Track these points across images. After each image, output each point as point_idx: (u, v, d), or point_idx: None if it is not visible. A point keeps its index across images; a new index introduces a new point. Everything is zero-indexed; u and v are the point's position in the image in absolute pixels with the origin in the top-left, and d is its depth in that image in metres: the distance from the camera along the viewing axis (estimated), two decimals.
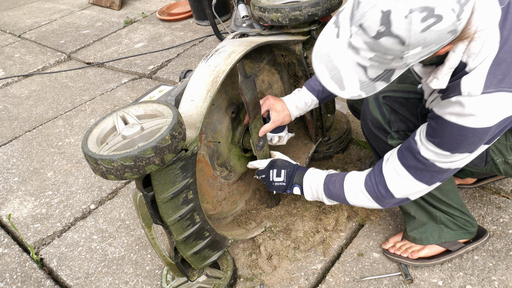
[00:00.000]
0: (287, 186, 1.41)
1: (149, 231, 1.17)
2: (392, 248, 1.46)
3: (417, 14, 0.78)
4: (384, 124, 1.28)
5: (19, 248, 1.78)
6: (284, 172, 1.41)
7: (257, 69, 1.58)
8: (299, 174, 1.40)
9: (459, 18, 0.81)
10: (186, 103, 1.22)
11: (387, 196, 1.20)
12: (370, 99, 1.31)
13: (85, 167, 2.21)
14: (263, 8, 1.48)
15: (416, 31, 0.80)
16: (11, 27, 4.48)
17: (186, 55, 3.27)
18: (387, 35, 0.82)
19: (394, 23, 0.80)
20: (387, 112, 1.27)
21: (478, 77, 0.93)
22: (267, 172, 1.44)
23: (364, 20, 0.83)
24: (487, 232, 1.44)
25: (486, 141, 1.01)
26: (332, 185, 1.32)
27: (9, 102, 3.01)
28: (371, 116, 1.31)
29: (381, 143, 1.32)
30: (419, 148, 1.09)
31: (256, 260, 1.53)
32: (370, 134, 1.35)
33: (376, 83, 0.95)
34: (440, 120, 1.01)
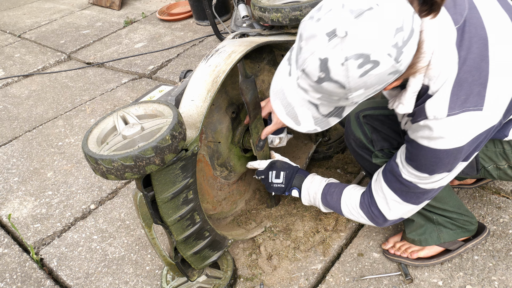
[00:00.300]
0: (286, 188, 1.42)
1: (149, 231, 1.17)
2: (392, 248, 1.46)
3: (352, 61, 0.80)
4: (366, 143, 1.29)
5: (19, 248, 1.78)
6: (283, 174, 1.42)
7: (257, 69, 1.58)
8: (299, 177, 1.41)
9: (397, 61, 0.81)
10: (186, 103, 1.22)
11: (380, 217, 1.22)
12: (351, 118, 1.32)
13: (85, 167, 2.21)
14: (263, 8, 1.48)
15: (354, 77, 0.82)
16: (11, 27, 4.48)
17: (186, 55, 3.27)
18: (327, 81, 0.84)
19: (332, 70, 0.82)
20: (369, 131, 1.29)
21: (442, 100, 0.93)
22: (266, 173, 1.44)
23: (305, 66, 0.86)
24: (486, 227, 1.44)
25: (463, 158, 1.02)
26: (330, 197, 1.34)
27: (9, 102, 3.01)
28: (354, 136, 1.32)
29: (366, 162, 1.34)
30: (401, 171, 1.10)
31: (256, 260, 1.53)
32: (354, 153, 1.37)
33: (329, 118, 0.98)
34: (414, 144, 1.03)
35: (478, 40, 0.92)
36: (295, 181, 1.41)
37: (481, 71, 0.91)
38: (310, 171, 1.88)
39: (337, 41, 0.79)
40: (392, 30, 0.78)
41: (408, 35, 0.80)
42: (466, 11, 0.93)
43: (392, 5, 0.79)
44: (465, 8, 0.93)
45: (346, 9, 0.79)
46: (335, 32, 0.79)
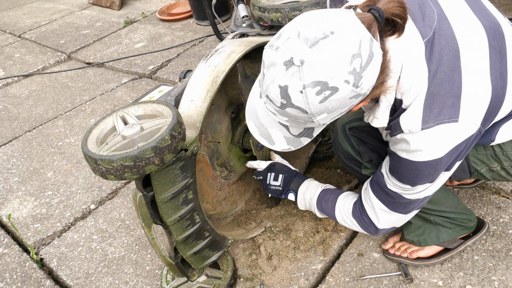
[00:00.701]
0: (283, 191, 1.43)
1: (149, 231, 1.17)
2: (391, 248, 1.46)
3: (310, 89, 0.81)
4: (355, 155, 1.30)
5: (19, 248, 1.78)
6: (281, 176, 1.42)
7: (257, 69, 1.58)
8: (296, 181, 1.42)
9: (357, 86, 0.82)
10: (185, 103, 1.22)
11: (371, 226, 1.23)
12: (338, 130, 1.33)
13: (85, 167, 2.21)
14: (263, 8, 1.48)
15: (314, 103, 0.83)
16: (11, 27, 4.48)
17: (186, 55, 3.27)
18: (290, 106, 0.86)
19: (293, 97, 0.84)
20: (356, 144, 1.29)
21: (415, 114, 0.94)
22: (265, 174, 1.45)
23: (268, 92, 0.88)
24: (485, 223, 1.44)
25: (444, 169, 1.02)
26: (325, 203, 1.35)
27: (9, 102, 3.02)
28: (341, 149, 1.33)
29: (357, 173, 1.35)
30: (386, 181, 1.11)
31: (256, 260, 1.52)
32: (345, 165, 1.38)
33: (300, 138, 1.01)
34: (395, 156, 1.03)
35: (449, 51, 0.92)
36: (293, 185, 1.42)
37: (453, 82, 0.91)
38: (310, 171, 1.88)
39: (294, 70, 0.81)
40: (348, 57, 0.80)
41: (366, 59, 0.81)
42: (435, 22, 0.93)
43: (347, 32, 0.80)
44: (434, 20, 0.93)
45: (302, 37, 0.81)
46: (292, 61, 0.81)
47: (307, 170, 1.89)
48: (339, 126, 1.33)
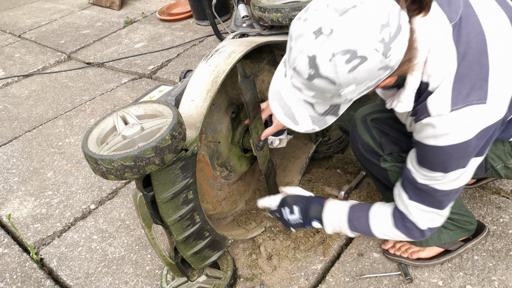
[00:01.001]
0: (305, 222, 1.32)
1: (149, 231, 1.17)
2: (392, 248, 1.46)
3: (340, 57, 0.81)
4: (375, 147, 1.27)
5: (19, 248, 1.78)
6: (297, 209, 1.32)
7: (257, 69, 1.58)
8: (316, 208, 1.31)
9: (386, 56, 0.82)
10: (186, 103, 1.22)
11: (416, 229, 1.17)
12: (358, 122, 1.30)
13: (85, 167, 2.21)
14: (263, 8, 1.48)
15: (343, 72, 0.82)
16: (11, 27, 4.48)
17: (186, 55, 3.27)
18: (317, 77, 0.85)
19: (321, 67, 0.83)
20: (377, 135, 1.27)
21: (443, 96, 0.93)
22: (280, 211, 1.36)
23: (296, 64, 0.87)
24: (486, 227, 1.44)
25: (475, 153, 1.01)
26: (357, 222, 1.26)
27: (9, 102, 3.01)
28: (361, 141, 1.29)
29: (374, 166, 1.31)
30: (415, 176, 1.09)
31: (256, 260, 1.52)
32: (362, 158, 1.34)
33: (326, 117, 0.98)
34: (421, 145, 1.02)
35: (476, 36, 0.92)
36: (313, 213, 1.31)
37: (482, 65, 0.91)
38: (310, 171, 1.88)
39: (323, 39, 0.81)
40: (378, 26, 0.79)
41: (395, 31, 0.81)
42: (461, 9, 0.93)
43: (376, 3, 0.80)
44: (460, 6, 0.94)
45: (331, 8, 0.81)
46: (321, 30, 0.81)
47: (307, 170, 1.89)
48: (358, 118, 1.31)
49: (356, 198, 1.70)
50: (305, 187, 1.78)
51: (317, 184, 1.79)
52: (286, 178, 1.82)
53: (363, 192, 1.73)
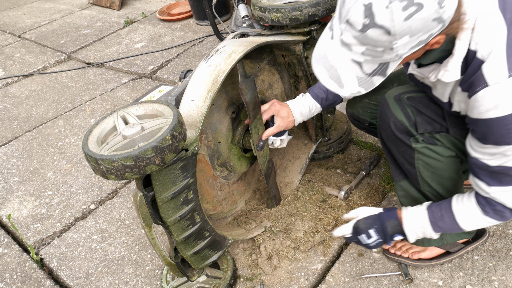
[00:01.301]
0: (386, 240, 1.28)
1: (149, 231, 1.17)
2: (392, 248, 1.46)
3: (397, 4, 0.81)
4: (409, 126, 1.23)
5: (19, 248, 1.78)
6: (373, 231, 1.28)
7: (257, 69, 1.58)
8: (392, 223, 1.26)
9: (441, 5, 0.83)
10: (186, 103, 1.22)
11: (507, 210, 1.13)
12: (390, 101, 1.27)
13: (85, 167, 2.21)
14: (263, 8, 1.48)
15: (399, 20, 0.83)
16: (11, 27, 4.48)
17: (186, 55, 3.27)
18: (372, 27, 0.85)
19: (377, 14, 0.83)
20: (413, 113, 1.22)
21: (499, 63, 0.92)
22: (357, 239, 1.32)
23: (350, 16, 0.87)
24: (486, 231, 1.44)
25: None
26: (442, 222, 1.21)
27: (9, 102, 3.01)
28: (394, 119, 1.24)
29: (402, 147, 1.27)
30: (484, 162, 1.05)
31: (256, 260, 1.53)
32: (390, 138, 1.29)
33: (373, 78, 0.97)
34: (481, 122, 0.99)
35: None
36: (391, 229, 1.26)
37: None
38: (310, 171, 1.88)
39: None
40: None
41: None
42: None
43: None
44: None
45: None
46: None
47: (307, 170, 1.89)
48: (390, 97, 1.27)
49: (356, 198, 1.70)
50: (305, 187, 1.78)
51: (317, 184, 1.80)
52: (286, 178, 1.83)
53: (363, 192, 1.73)
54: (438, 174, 1.24)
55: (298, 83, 1.70)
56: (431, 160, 1.21)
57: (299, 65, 1.61)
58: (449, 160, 1.21)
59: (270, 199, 1.68)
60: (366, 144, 2.00)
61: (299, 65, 1.61)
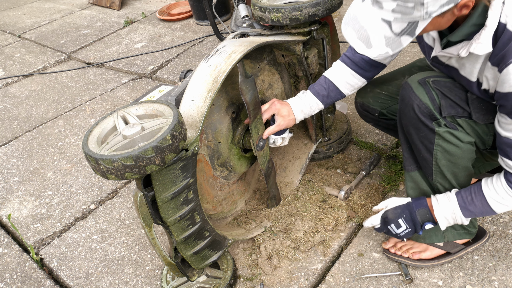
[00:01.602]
0: (416, 229, 1.31)
1: (149, 231, 1.17)
2: (392, 248, 1.46)
3: None
4: (433, 109, 1.20)
5: (19, 248, 1.78)
6: (402, 221, 1.31)
7: (257, 69, 1.58)
8: (422, 211, 1.28)
9: None
10: (186, 103, 1.22)
11: None
12: (414, 84, 1.24)
13: (85, 167, 2.21)
14: (263, 8, 1.48)
15: None
16: (11, 27, 4.48)
17: (186, 55, 3.27)
18: None
19: None
20: (437, 97, 1.20)
21: None
22: (387, 229, 1.35)
23: None
24: (487, 232, 1.44)
25: None
26: (473, 207, 1.21)
27: (9, 102, 3.01)
28: (419, 101, 1.22)
29: (423, 131, 1.25)
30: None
31: (256, 260, 1.53)
32: (412, 121, 1.26)
33: (401, 37, 0.98)
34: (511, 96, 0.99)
35: None
36: (421, 218, 1.28)
37: None
38: (310, 171, 1.88)
39: None
40: None
41: None
42: None
43: None
44: None
45: None
46: None
47: (307, 170, 1.89)
48: (413, 81, 1.26)
49: (356, 198, 1.70)
50: (305, 187, 1.78)
51: (317, 184, 1.80)
52: (286, 178, 1.83)
53: (363, 192, 1.73)
54: (454, 162, 1.24)
55: (298, 83, 1.70)
56: (450, 146, 1.21)
57: (299, 65, 1.61)
58: (467, 147, 1.21)
59: (270, 199, 1.68)
60: (366, 144, 2.00)
61: (299, 65, 1.61)
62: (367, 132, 2.09)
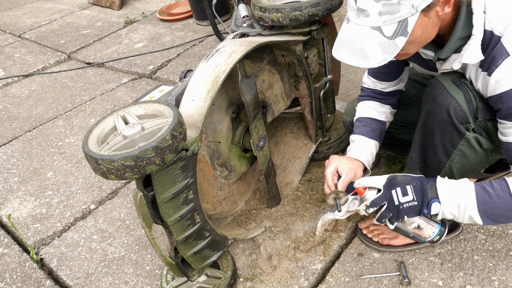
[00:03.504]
0: (422, 204, 1.09)
1: (149, 231, 1.17)
2: (365, 229, 1.51)
3: None
4: (467, 111, 1.12)
5: (19, 248, 1.78)
6: (410, 188, 1.10)
7: (257, 69, 1.58)
8: (433, 186, 1.10)
9: None
10: (186, 103, 1.22)
11: None
12: (447, 83, 1.15)
13: (85, 167, 2.21)
14: (263, 8, 1.48)
15: None
16: (11, 27, 4.48)
17: (186, 55, 3.27)
18: None
19: None
20: (475, 99, 1.11)
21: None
22: (389, 194, 1.12)
23: None
24: (460, 226, 1.48)
25: None
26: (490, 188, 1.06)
27: (9, 102, 3.01)
28: (455, 103, 1.11)
29: (450, 134, 1.15)
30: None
31: (256, 260, 1.53)
32: (441, 123, 1.15)
33: (395, 40, 0.97)
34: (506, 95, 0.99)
35: None
36: (430, 193, 1.09)
37: None
38: (310, 171, 1.88)
39: None
40: None
41: None
42: None
43: None
44: None
45: None
46: None
47: (307, 170, 1.89)
48: (445, 80, 1.17)
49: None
50: (305, 187, 1.78)
51: (317, 184, 1.80)
52: (286, 178, 1.83)
53: None
54: (467, 167, 1.22)
55: (298, 83, 1.70)
56: (471, 151, 1.18)
57: (299, 65, 1.61)
58: (483, 153, 1.20)
59: (270, 199, 1.68)
60: None
61: (299, 65, 1.61)
62: None
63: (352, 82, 2.53)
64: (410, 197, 1.09)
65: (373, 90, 1.49)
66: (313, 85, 1.67)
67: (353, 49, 1.00)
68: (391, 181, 1.13)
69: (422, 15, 0.96)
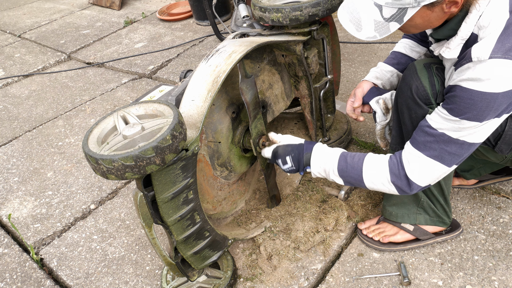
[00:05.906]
0: (299, 169, 1.38)
1: (149, 231, 1.17)
2: (365, 229, 1.52)
3: None
4: (430, 94, 1.22)
5: (19, 248, 1.78)
6: (289, 158, 1.37)
7: (257, 69, 1.58)
8: (307, 155, 1.36)
9: None
10: (186, 103, 1.22)
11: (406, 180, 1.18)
12: (418, 66, 1.26)
13: (85, 167, 2.21)
14: (263, 8, 1.48)
15: None
16: (11, 27, 4.48)
17: (186, 55, 3.27)
18: None
19: None
20: (438, 83, 1.22)
21: (487, 44, 0.98)
22: (275, 162, 1.43)
23: None
24: (460, 226, 1.48)
25: (495, 113, 1.03)
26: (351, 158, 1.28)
27: (9, 102, 3.01)
28: (419, 83, 1.23)
29: (415, 113, 1.26)
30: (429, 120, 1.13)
31: (256, 260, 1.53)
32: (407, 101, 1.27)
33: (390, 23, 1.04)
34: (453, 88, 1.06)
35: None
36: (305, 160, 1.35)
37: None
38: None
39: None
40: None
41: None
42: None
43: None
44: None
45: None
46: None
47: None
48: (419, 63, 1.27)
49: (356, 198, 1.70)
50: (305, 187, 1.78)
51: (317, 184, 1.80)
52: (286, 178, 1.83)
53: (363, 192, 1.73)
54: None
55: (298, 83, 1.70)
56: None
57: (299, 65, 1.61)
58: None
59: (270, 199, 1.68)
60: (366, 144, 2.00)
61: (299, 65, 1.61)
62: (367, 132, 2.09)
63: (352, 82, 2.53)
64: (289, 165, 1.37)
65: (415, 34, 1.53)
66: (313, 85, 1.67)
67: (352, 16, 1.08)
68: (275, 154, 1.40)
69: (425, 8, 1.00)
